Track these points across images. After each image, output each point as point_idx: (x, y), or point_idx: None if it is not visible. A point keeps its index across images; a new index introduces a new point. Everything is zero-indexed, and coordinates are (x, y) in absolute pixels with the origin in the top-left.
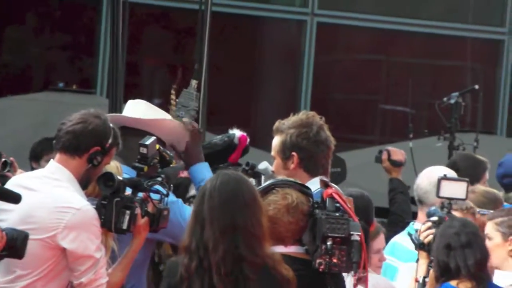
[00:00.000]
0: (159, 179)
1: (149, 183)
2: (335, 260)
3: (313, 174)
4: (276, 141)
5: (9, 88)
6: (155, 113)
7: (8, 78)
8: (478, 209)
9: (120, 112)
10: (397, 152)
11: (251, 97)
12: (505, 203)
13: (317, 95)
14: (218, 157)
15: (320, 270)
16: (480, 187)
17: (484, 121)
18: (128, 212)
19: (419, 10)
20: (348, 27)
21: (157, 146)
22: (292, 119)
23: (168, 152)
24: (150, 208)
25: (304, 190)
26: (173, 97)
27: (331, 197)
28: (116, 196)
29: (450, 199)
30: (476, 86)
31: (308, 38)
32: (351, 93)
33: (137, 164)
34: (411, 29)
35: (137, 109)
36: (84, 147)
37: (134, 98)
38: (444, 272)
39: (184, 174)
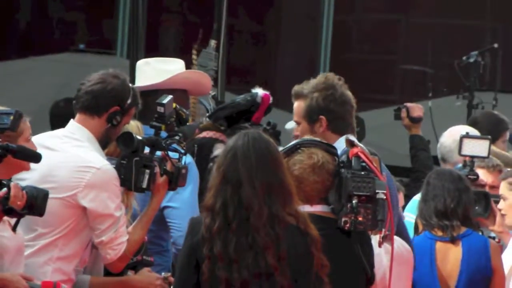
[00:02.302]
0: (177, 137)
1: (167, 142)
2: (360, 218)
3: (341, 134)
4: (300, 105)
5: (30, 49)
6: (164, 67)
7: (28, 40)
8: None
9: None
10: (415, 108)
11: (270, 57)
12: None
13: (336, 55)
14: (242, 116)
15: (346, 228)
16: (494, 149)
17: (503, 80)
18: (147, 171)
19: None
20: None
21: (174, 105)
22: (312, 82)
23: (185, 110)
24: (168, 166)
25: (329, 150)
26: (194, 56)
27: (357, 156)
28: (135, 155)
29: (472, 157)
30: (495, 45)
31: None
32: (370, 53)
33: (154, 123)
34: None
35: (147, 73)
36: (104, 107)
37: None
38: None
39: (208, 134)
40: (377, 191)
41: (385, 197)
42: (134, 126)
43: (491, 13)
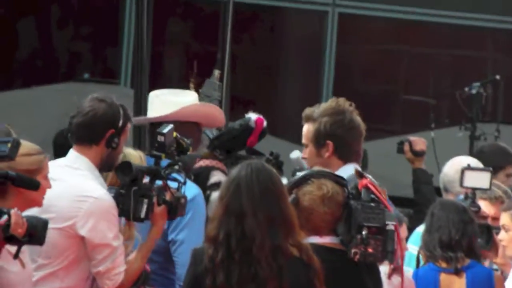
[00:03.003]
0: (176, 167)
1: (167, 171)
2: (370, 250)
3: (347, 161)
4: (309, 129)
5: (34, 79)
6: (174, 100)
7: (32, 69)
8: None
9: (145, 102)
10: (418, 141)
11: (273, 87)
12: None
13: (338, 85)
14: (236, 142)
15: (356, 259)
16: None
17: (505, 112)
18: (145, 200)
19: (440, 0)
20: (369, 17)
21: (174, 134)
22: (323, 106)
23: (186, 139)
24: (168, 196)
25: (339, 181)
26: (192, 85)
27: (366, 187)
28: (134, 184)
29: (474, 189)
30: (497, 76)
31: (330, 28)
32: (373, 83)
33: (155, 152)
34: (432, 19)
35: (157, 106)
36: (99, 135)
37: (158, 89)
38: None
39: (205, 162)
40: (387, 222)
41: (394, 228)
42: (136, 157)
43: (493, 44)
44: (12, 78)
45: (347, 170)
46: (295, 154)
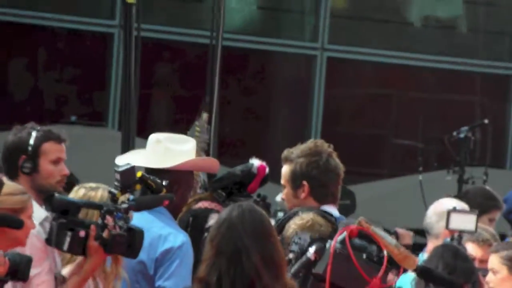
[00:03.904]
0: (125, 205)
1: (110, 209)
2: None
3: (323, 202)
4: (286, 170)
5: (20, 121)
6: (175, 150)
7: (18, 112)
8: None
9: (133, 145)
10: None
11: (262, 130)
12: (509, 238)
13: (327, 129)
14: (237, 187)
15: None
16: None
17: (494, 156)
18: (69, 233)
19: (429, 45)
20: (358, 62)
21: (139, 174)
22: (301, 147)
23: (158, 180)
24: (105, 233)
25: (326, 216)
26: (197, 128)
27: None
28: (64, 217)
29: (460, 231)
30: (486, 121)
31: (318, 72)
32: (361, 126)
33: (111, 189)
34: (420, 64)
35: (159, 153)
36: (13, 165)
37: (146, 132)
38: None
39: (203, 204)
40: None
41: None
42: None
43: (481, 89)
44: None
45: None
46: (280, 196)
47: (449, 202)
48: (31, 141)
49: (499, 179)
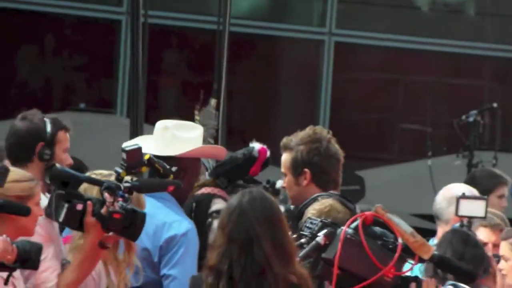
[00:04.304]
0: (128, 184)
1: (112, 185)
2: None
3: (324, 188)
4: (286, 158)
5: (28, 109)
6: (182, 137)
7: (27, 99)
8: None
9: (141, 131)
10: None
11: (270, 115)
12: None
13: (335, 114)
14: (239, 171)
15: None
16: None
17: (503, 140)
18: (66, 205)
19: (437, 29)
20: (366, 46)
21: (147, 156)
22: (300, 135)
23: (165, 165)
24: (103, 209)
25: (345, 202)
26: (197, 117)
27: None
28: (63, 189)
29: (469, 217)
30: (495, 104)
31: (326, 57)
32: (369, 111)
33: (116, 168)
34: (429, 48)
35: (166, 140)
36: (29, 151)
37: (154, 118)
38: None
39: (207, 189)
40: None
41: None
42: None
43: (490, 73)
44: (7, 108)
45: None
46: (281, 184)
47: (458, 188)
48: (48, 129)
49: (509, 163)
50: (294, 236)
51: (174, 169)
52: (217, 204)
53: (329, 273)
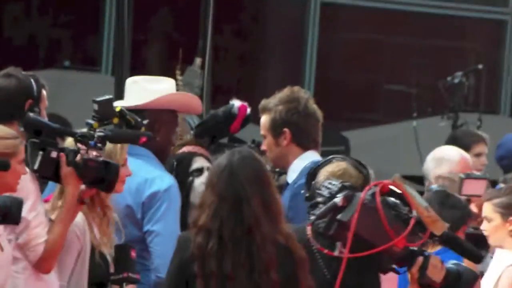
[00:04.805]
0: (101, 134)
1: (85, 134)
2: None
3: (305, 148)
4: (265, 119)
5: (12, 65)
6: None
7: (11, 56)
8: None
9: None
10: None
11: (255, 75)
12: (500, 185)
13: (320, 74)
14: (220, 128)
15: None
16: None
17: (487, 101)
18: (40, 153)
19: None
20: (352, 7)
21: (118, 108)
22: (278, 96)
23: (136, 117)
24: (78, 158)
25: (358, 166)
26: (179, 77)
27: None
28: (36, 138)
29: (470, 196)
30: (480, 66)
31: (312, 17)
32: (355, 72)
33: (87, 120)
34: (414, 9)
35: (133, 93)
36: (19, 108)
37: (139, 76)
38: None
39: (187, 148)
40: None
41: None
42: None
43: (475, 34)
44: None
45: (308, 157)
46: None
47: (449, 150)
48: (34, 87)
49: (493, 124)
50: (307, 195)
51: (145, 121)
52: (198, 163)
53: (341, 235)
